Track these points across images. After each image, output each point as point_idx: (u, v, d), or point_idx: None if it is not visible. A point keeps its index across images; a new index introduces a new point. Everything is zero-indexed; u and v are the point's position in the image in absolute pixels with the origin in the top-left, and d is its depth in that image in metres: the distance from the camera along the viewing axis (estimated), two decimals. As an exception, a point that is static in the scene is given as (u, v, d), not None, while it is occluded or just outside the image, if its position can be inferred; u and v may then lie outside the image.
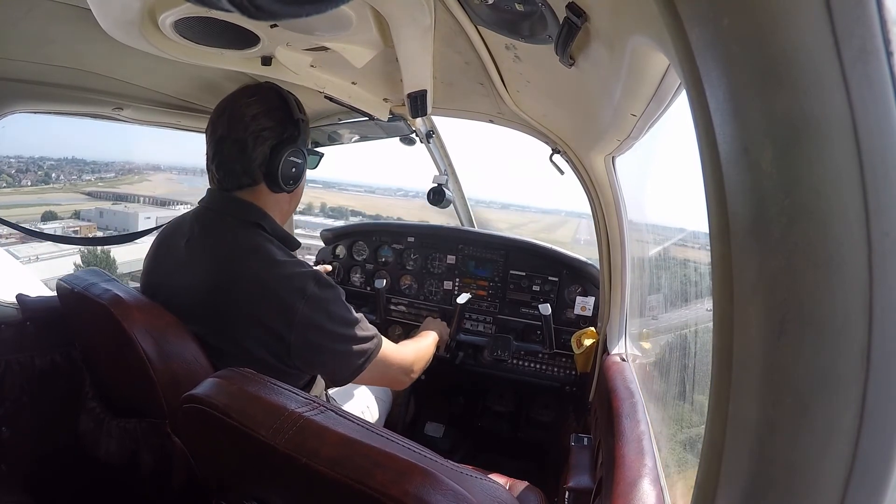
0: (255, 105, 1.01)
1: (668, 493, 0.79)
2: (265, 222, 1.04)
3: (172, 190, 20.51)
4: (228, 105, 1.03)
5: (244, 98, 1.02)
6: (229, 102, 1.03)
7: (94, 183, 17.00)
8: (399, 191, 46.43)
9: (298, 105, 1.08)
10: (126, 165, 22.75)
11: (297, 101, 1.08)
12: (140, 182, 20.79)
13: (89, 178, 16.76)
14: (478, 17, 0.79)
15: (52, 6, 0.88)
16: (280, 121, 1.03)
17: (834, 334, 0.29)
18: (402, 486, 0.50)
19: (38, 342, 1.21)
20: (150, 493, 1.01)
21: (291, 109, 1.05)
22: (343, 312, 1.01)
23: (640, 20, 0.49)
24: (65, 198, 16.78)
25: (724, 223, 0.33)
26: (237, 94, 1.04)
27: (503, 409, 2.06)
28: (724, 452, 0.35)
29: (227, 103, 1.04)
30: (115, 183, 18.42)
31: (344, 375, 1.05)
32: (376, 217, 20.67)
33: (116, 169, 20.73)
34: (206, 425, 0.65)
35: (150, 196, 17.70)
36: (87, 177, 16.70)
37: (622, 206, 1.26)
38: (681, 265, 1.18)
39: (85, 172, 17.31)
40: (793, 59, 0.27)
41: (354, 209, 14.87)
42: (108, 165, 21.22)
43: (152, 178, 21.75)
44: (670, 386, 1.06)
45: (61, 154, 23.71)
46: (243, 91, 1.05)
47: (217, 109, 1.04)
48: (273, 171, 1.02)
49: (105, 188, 17.38)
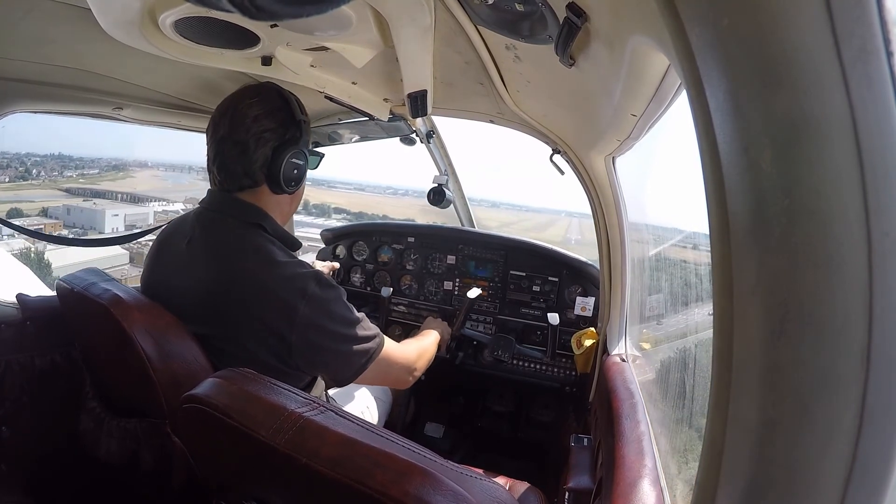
0: (257, 106, 1.01)
1: (667, 493, 0.79)
2: (266, 223, 1.04)
3: (155, 187, 19.95)
4: (230, 106, 1.02)
5: (246, 99, 1.02)
6: (231, 103, 1.03)
7: (76, 179, 16.38)
8: (389, 189, 46.18)
9: (300, 106, 1.07)
10: (112, 162, 22.18)
11: (298, 101, 1.07)
12: (124, 179, 20.16)
13: (71, 174, 16.17)
14: (478, 17, 0.79)
15: (52, 6, 0.88)
16: (282, 122, 1.02)
17: (834, 334, 0.29)
18: (402, 487, 0.50)
19: (38, 342, 1.21)
20: (150, 493, 1.02)
21: (293, 111, 1.05)
22: (344, 312, 1.01)
23: (640, 20, 0.49)
24: (41, 194, 16.05)
25: (724, 223, 0.33)
26: (239, 95, 1.03)
27: (503, 409, 2.06)
28: (724, 452, 0.35)
29: (228, 104, 1.03)
30: (97, 179, 17.81)
31: (346, 375, 1.05)
32: (359, 214, 20.22)
33: (102, 165, 20.19)
34: (206, 425, 0.65)
35: (128, 192, 17.10)
36: (69, 173, 16.09)
37: (622, 206, 1.26)
38: (680, 266, 1.18)
39: (68, 169, 16.70)
40: (793, 59, 0.27)
41: (339, 206, 14.38)
42: (93, 162, 20.64)
43: (137, 175, 21.12)
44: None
45: (48, 150, 22.69)
46: (245, 92, 1.04)
47: (218, 110, 1.04)
48: (275, 172, 1.02)
49: (85, 185, 16.73)
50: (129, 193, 16.82)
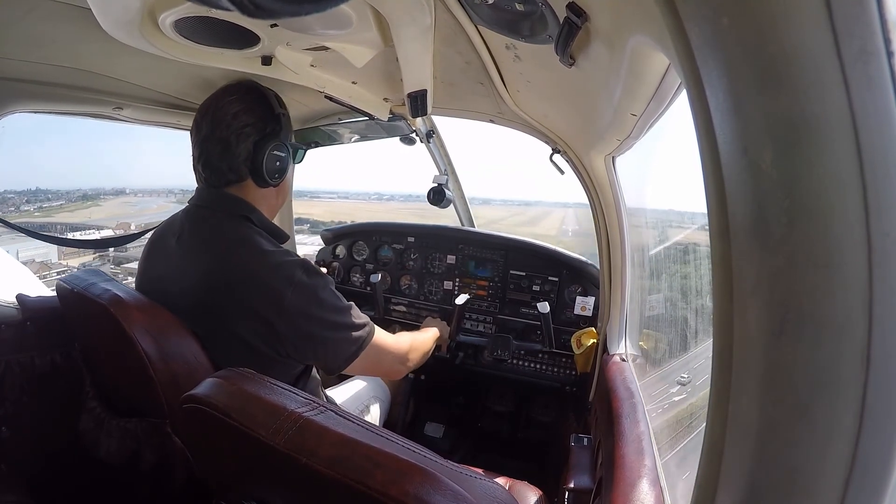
0: (236, 103, 1.04)
1: (667, 493, 0.79)
2: (253, 216, 1.06)
3: (119, 213, 18.91)
4: (210, 105, 1.05)
5: (225, 97, 1.05)
6: (211, 103, 1.06)
7: (30, 213, 15.26)
8: (374, 195, 46.00)
9: (279, 100, 1.11)
10: (89, 192, 20.98)
11: (276, 96, 1.11)
12: (89, 208, 19.10)
13: (28, 208, 15.08)
14: (478, 16, 0.79)
15: (52, 6, 0.88)
16: (261, 117, 1.05)
17: (834, 334, 0.29)
18: (401, 486, 0.50)
19: (38, 342, 1.21)
20: (151, 493, 1.02)
21: (272, 105, 1.08)
22: (332, 300, 1.02)
23: (640, 20, 0.49)
24: (-21, 231, 14.87)
25: (724, 223, 0.33)
26: (218, 95, 1.07)
27: (503, 409, 2.07)
28: (724, 452, 0.35)
29: (209, 104, 1.06)
30: (53, 211, 16.66)
31: (337, 363, 1.05)
32: (339, 224, 19.59)
33: (72, 197, 19.08)
34: (206, 425, 0.65)
35: (69, 224, 15.63)
36: (27, 207, 14.99)
37: (622, 205, 1.26)
38: (681, 266, 1.18)
39: (32, 202, 15.61)
40: (793, 59, 0.27)
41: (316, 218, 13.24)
42: (68, 194, 19.54)
43: (104, 204, 20.03)
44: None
45: (25, 186, 20.64)
46: (224, 90, 1.07)
47: (200, 110, 1.07)
48: (258, 166, 1.04)
49: (38, 218, 15.40)
50: (69, 224, 15.49)
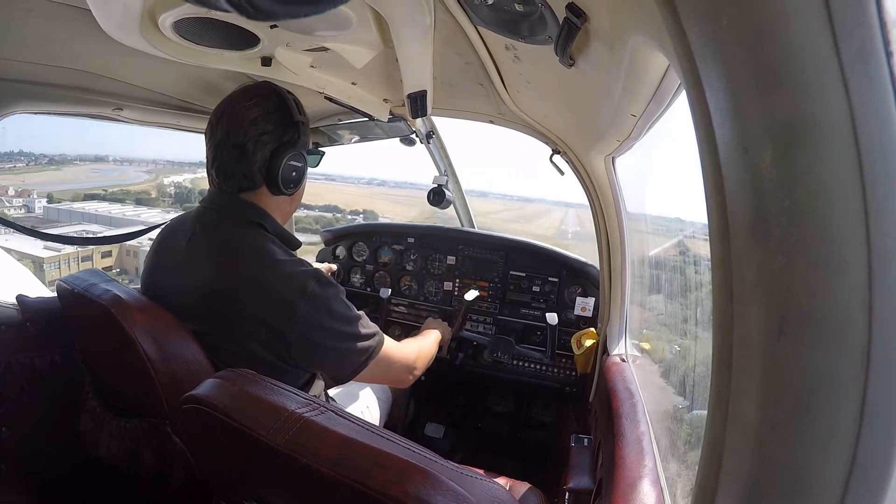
0: (255, 108, 0.99)
1: (667, 493, 0.79)
2: (266, 222, 1.04)
3: (81, 179, 18.03)
4: (227, 108, 1.01)
5: (243, 101, 1.00)
6: (228, 105, 1.01)
7: None
8: (362, 179, 45.83)
9: (298, 106, 1.05)
10: (56, 157, 19.98)
11: (297, 101, 1.06)
12: (48, 172, 18.16)
13: None
14: (478, 17, 0.79)
15: (52, 6, 0.88)
16: (280, 124, 1.01)
17: (834, 334, 0.29)
18: (402, 487, 0.50)
19: (38, 343, 1.21)
20: (151, 493, 1.01)
21: (291, 112, 1.03)
22: (343, 310, 1.01)
23: (639, 20, 0.49)
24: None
25: (724, 223, 0.33)
26: (236, 97, 1.02)
27: (503, 409, 2.07)
28: (724, 452, 0.35)
29: (225, 106, 1.02)
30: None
31: (345, 373, 1.05)
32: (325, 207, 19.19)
33: (37, 159, 18.15)
34: (206, 426, 0.65)
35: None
36: None
37: (622, 206, 1.26)
38: (681, 267, 1.18)
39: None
40: (793, 59, 0.27)
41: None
42: (37, 158, 18.55)
43: (67, 169, 18.88)
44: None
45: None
46: (242, 93, 1.03)
47: (216, 112, 1.03)
48: (273, 175, 1.01)
49: None
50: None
